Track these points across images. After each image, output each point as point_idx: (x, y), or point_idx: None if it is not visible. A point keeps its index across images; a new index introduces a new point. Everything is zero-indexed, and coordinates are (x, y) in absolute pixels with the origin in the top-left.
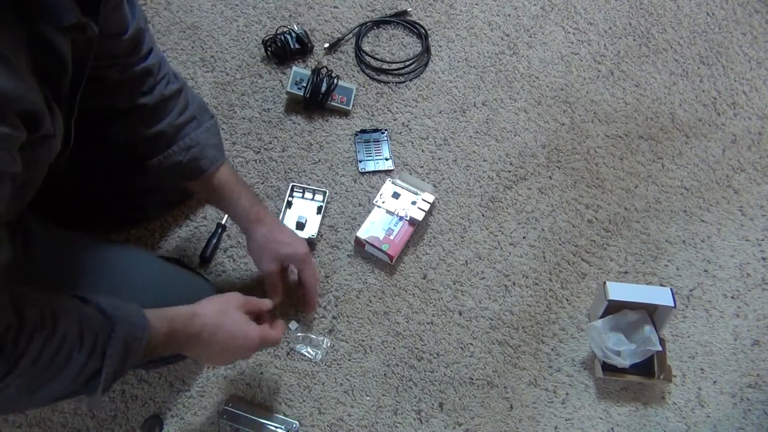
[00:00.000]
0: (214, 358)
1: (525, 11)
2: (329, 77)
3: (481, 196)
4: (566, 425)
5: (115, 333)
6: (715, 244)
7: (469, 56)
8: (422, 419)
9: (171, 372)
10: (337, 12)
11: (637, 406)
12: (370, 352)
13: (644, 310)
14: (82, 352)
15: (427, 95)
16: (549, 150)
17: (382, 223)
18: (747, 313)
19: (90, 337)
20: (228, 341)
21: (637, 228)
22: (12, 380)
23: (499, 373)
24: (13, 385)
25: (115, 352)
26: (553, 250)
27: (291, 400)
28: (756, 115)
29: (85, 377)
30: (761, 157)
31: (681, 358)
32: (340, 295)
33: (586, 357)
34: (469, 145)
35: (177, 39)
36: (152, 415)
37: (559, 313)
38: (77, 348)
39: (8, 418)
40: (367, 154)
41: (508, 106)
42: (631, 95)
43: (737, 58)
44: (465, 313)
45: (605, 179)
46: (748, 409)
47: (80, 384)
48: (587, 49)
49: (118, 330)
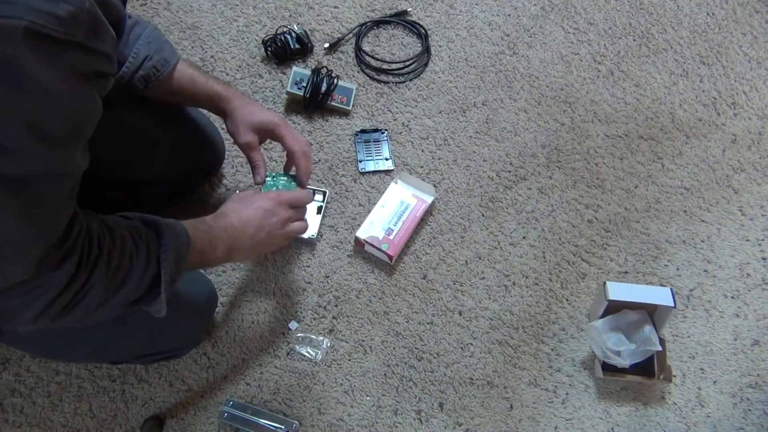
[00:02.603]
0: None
1: (525, 11)
2: (329, 77)
3: (481, 196)
4: (566, 425)
5: (164, 239)
6: (715, 244)
7: (469, 56)
8: (422, 419)
9: (171, 372)
10: (337, 12)
11: (637, 406)
12: (370, 352)
13: (644, 310)
14: (140, 257)
15: (427, 95)
16: (549, 150)
17: (381, 223)
18: (747, 313)
19: (143, 244)
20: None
21: (637, 228)
22: (92, 284)
23: (499, 373)
24: (92, 291)
25: (168, 256)
26: (553, 250)
27: (291, 400)
28: (756, 115)
29: (147, 282)
30: (761, 157)
31: (681, 358)
32: (340, 295)
33: (586, 357)
34: (469, 145)
35: (177, 39)
36: (152, 415)
37: (559, 313)
38: (135, 254)
39: (8, 418)
40: (367, 154)
41: (508, 106)
42: (631, 95)
43: (737, 58)
44: (465, 313)
45: (605, 179)
46: (748, 409)
47: (144, 289)
48: (587, 49)
49: (166, 237)
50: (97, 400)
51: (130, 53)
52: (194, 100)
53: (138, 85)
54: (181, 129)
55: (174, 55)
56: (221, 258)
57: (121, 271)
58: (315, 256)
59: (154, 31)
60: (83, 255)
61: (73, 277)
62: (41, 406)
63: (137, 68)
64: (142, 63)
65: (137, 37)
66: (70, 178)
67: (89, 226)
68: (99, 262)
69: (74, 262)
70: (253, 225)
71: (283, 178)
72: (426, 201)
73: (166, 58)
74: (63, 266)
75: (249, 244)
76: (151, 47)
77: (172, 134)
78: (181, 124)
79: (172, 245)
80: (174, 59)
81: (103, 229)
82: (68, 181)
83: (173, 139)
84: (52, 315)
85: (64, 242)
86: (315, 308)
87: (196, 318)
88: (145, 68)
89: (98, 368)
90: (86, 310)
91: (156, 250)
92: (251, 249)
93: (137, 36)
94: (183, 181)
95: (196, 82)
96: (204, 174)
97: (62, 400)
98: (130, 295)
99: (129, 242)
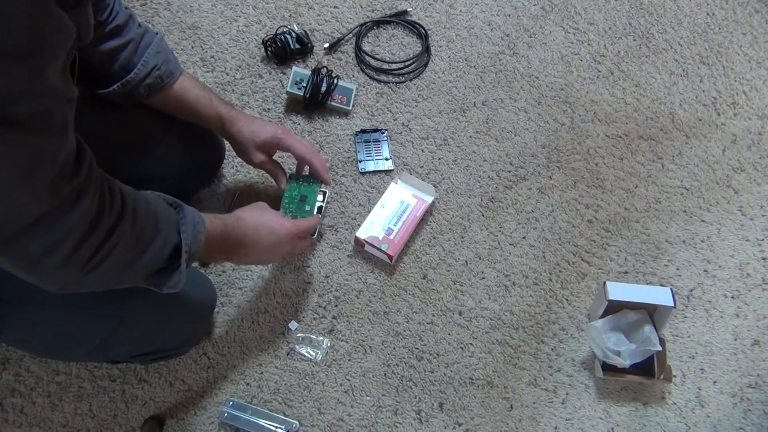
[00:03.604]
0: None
1: (525, 11)
2: (329, 77)
3: (481, 196)
4: (566, 425)
5: (184, 212)
6: (715, 244)
7: (469, 56)
8: (422, 419)
9: (171, 372)
10: (337, 12)
11: (637, 406)
12: (370, 352)
13: (644, 310)
14: (163, 223)
15: (427, 95)
16: (549, 150)
17: (381, 223)
18: (747, 313)
19: (164, 213)
20: (269, 236)
21: (637, 228)
22: (119, 237)
23: (499, 373)
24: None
25: (188, 229)
26: (553, 250)
27: (291, 400)
28: (756, 115)
29: (168, 250)
30: (761, 157)
31: (681, 358)
32: (340, 295)
33: (586, 357)
34: (469, 145)
35: (177, 39)
36: (152, 415)
37: (559, 313)
38: (159, 218)
39: (8, 418)
40: (367, 154)
41: (508, 106)
42: (631, 95)
43: (737, 58)
44: (465, 313)
45: (605, 179)
46: (748, 409)
47: (165, 259)
48: (587, 49)
49: (186, 210)
50: (97, 400)
51: (139, 61)
52: (197, 117)
53: (142, 93)
54: (180, 129)
55: (178, 68)
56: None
57: (147, 233)
58: (315, 256)
59: (162, 41)
60: (105, 198)
61: (97, 220)
62: (41, 406)
63: (145, 76)
64: (150, 72)
65: (147, 45)
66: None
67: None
68: (124, 215)
69: (94, 200)
70: (264, 246)
71: (305, 183)
72: (426, 201)
73: (171, 70)
74: (80, 203)
75: (250, 260)
76: (159, 57)
77: (172, 134)
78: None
79: (190, 222)
80: (177, 72)
81: (127, 190)
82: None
83: (173, 139)
84: (80, 262)
85: (74, 175)
86: (315, 308)
87: (196, 317)
88: (152, 77)
89: (98, 368)
90: (114, 265)
91: (177, 221)
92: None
93: (147, 44)
94: (183, 181)
95: (201, 101)
96: (204, 174)
97: (62, 400)
98: (153, 262)
99: (153, 206)
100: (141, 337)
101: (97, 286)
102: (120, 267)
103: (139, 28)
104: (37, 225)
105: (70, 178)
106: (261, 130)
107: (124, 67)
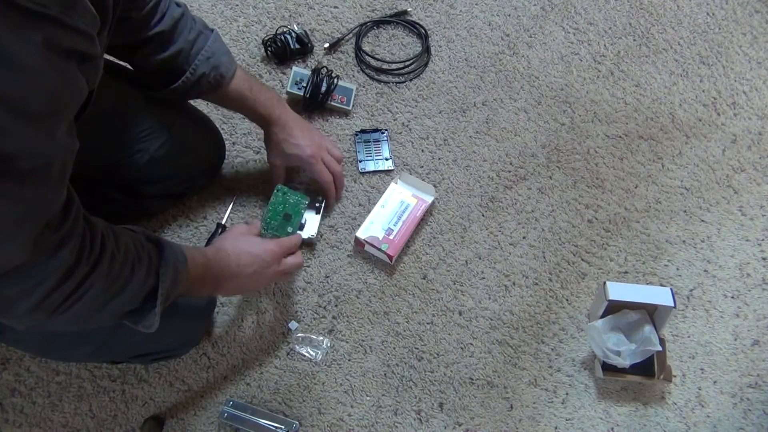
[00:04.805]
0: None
1: (525, 11)
2: (329, 77)
3: (481, 196)
4: (566, 425)
5: (165, 254)
6: (715, 244)
7: (469, 56)
8: (422, 419)
9: (171, 372)
10: (337, 12)
11: (637, 406)
12: (370, 352)
13: (644, 310)
14: (142, 266)
15: (427, 95)
16: (549, 150)
17: (381, 223)
18: (747, 313)
19: (145, 255)
20: (253, 261)
21: (637, 228)
22: (92, 282)
23: (499, 373)
24: (92, 290)
25: (168, 271)
26: (553, 250)
27: (291, 400)
28: (756, 115)
29: (143, 293)
30: (761, 157)
31: (681, 358)
32: (340, 295)
33: (586, 357)
34: (469, 145)
35: None
36: (152, 415)
37: (559, 313)
38: (137, 261)
39: (8, 418)
40: (367, 154)
41: (508, 106)
42: (631, 95)
43: (737, 58)
44: (465, 313)
45: (605, 179)
46: (748, 409)
47: (140, 301)
48: (587, 49)
49: (167, 251)
50: (97, 400)
51: (189, 68)
52: (243, 113)
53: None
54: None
55: (230, 68)
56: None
57: (123, 276)
58: (315, 256)
59: (215, 41)
60: (84, 247)
61: (73, 268)
62: (41, 406)
63: (192, 84)
64: (198, 80)
65: (198, 51)
66: (56, 157)
67: (94, 224)
68: (101, 261)
69: (73, 250)
70: (248, 273)
71: (293, 199)
72: (426, 201)
73: (222, 73)
74: (60, 252)
75: (237, 289)
76: (209, 63)
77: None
78: (182, 124)
79: (171, 263)
80: (229, 73)
81: (108, 231)
82: (54, 161)
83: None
84: (51, 308)
85: (59, 226)
86: (315, 308)
87: (196, 318)
88: (200, 84)
89: (98, 368)
90: (84, 309)
91: (156, 264)
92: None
93: (198, 50)
94: (183, 181)
95: (246, 100)
96: (204, 174)
97: (62, 400)
98: (127, 304)
99: (132, 250)
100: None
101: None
102: (92, 309)
103: (190, 34)
104: (17, 270)
105: (55, 229)
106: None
107: (173, 75)
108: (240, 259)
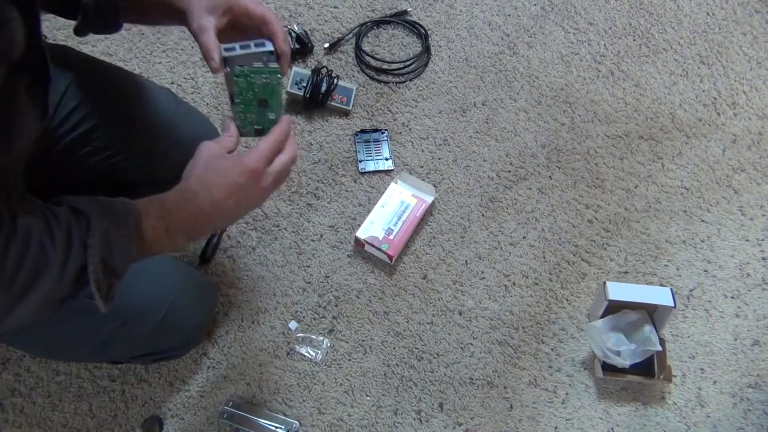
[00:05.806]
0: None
1: (525, 11)
2: (329, 77)
3: (481, 196)
4: (566, 425)
5: (92, 223)
6: (715, 244)
7: (469, 56)
8: (422, 419)
9: (171, 372)
10: (337, 12)
11: (637, 406)
12: (370, 352)
13: (644, 310)
14: (56, 247)
15: (427, 95)
16: (549, 150)
17: (381, 223)
18: (747, 313)
19: (61, 232)
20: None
21: (637, 228)
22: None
23: (499, 373)
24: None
25: (96, 242)
26: (553, 250)
27: (291, 400)
28: (756, 115)
29: (70, 275)
30: (761, 157)
31: (681, 358)
32: (340, 295)
33: (586, 357)
34: (469, 145)
35: (177, 39)
36: (152, 415)
37: (559, 313)
38: (49, 243)
39: (8, 418)
40: (367, 154)
41: (508, 106)
42: (631, 95)
43: (737, 58)
44: (465, 313)
45: (605, 179)
46: (748, 409)
47: (69, 283)
48: (587, 49)
49: (94, 220)
50: (97, 400)
51: None
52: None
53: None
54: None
55: None
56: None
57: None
58: (315, 256)
59: None
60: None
61: None
62: (41, 406)
63: None
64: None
65: None
66: None
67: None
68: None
69: None
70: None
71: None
72: (426, 201)
73: None
74: None
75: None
76: None
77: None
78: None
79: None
80: None
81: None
82: None
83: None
84: None
85: None
86: (315, 308)
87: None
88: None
89: (98, 368)
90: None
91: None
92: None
93: None
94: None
95: None
96: None
97: (62, 400)
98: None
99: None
100: (141, 338)
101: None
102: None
103: None
104: None
105: None
106: None
107: None
108: (212, 194)
